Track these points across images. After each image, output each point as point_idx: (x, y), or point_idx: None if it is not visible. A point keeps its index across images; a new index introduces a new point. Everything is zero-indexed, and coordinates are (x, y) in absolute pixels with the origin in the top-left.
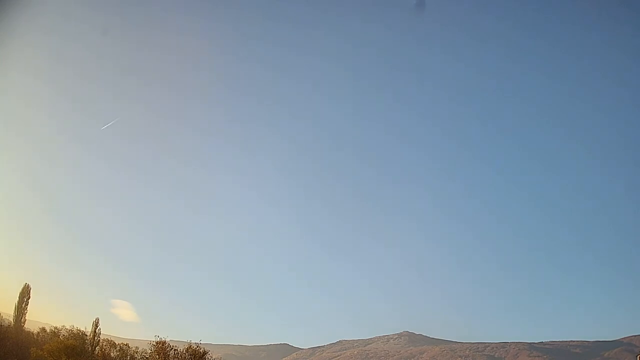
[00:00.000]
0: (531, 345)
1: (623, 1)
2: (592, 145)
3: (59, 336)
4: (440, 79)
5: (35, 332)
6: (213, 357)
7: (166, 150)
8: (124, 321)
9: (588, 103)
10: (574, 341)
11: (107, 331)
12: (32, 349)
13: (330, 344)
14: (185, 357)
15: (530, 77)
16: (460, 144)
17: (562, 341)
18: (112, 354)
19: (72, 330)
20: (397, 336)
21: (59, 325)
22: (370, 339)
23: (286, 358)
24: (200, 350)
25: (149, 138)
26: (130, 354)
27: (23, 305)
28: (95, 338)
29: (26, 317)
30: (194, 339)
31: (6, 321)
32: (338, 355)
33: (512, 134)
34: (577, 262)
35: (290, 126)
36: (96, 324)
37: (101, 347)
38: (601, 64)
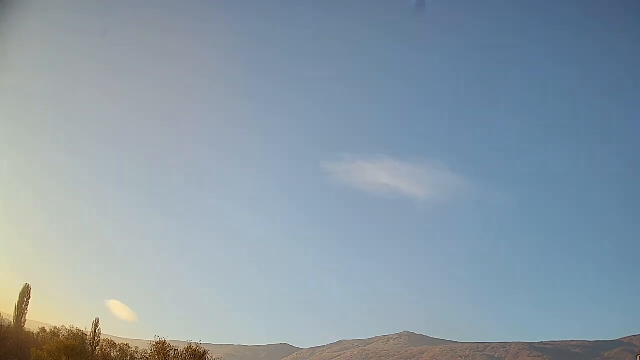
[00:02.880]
0: (531, 345)
1: (621, 6)
2: (593, 147)
3: (59, 336)
4: (438, 83)
5: (35, 332)
6: (213, 357)
7: (165, 152)
8: (123, 321)
9: (587, 106)
10: (574, 341)
11: (107, 331)
12: (32, 349)
13: (330, 344)
14: (185, 357)
15: (528, 81)
16: (458, 146)
17: (562, 341)
18: (112, 354)
19: (72, 330)
20: (397, 336)
21: (59, 325)
22: (370, 339)
23: (286, 358)
24: (201, 350)
25: (147, 141)
26: (131, 354)
27: (23, 306)
28: (96, 338)
29: (26, 317)
30: (194, 339)
31: (6, 321)
32: (338, 355)
33: (511, 137)
34: (576, 263)
35: (287, 129)
36: (96, 324)
37: (101, 347)
38: (600, 68)
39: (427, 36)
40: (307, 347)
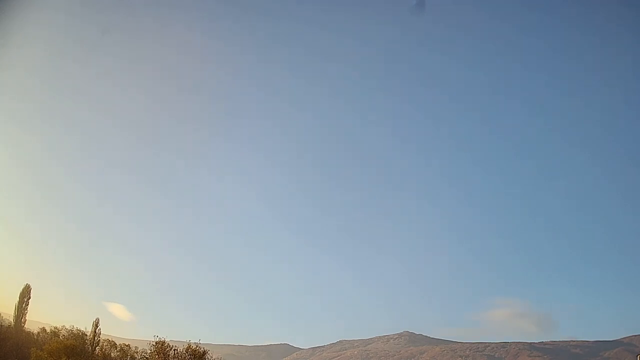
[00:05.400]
0: (531, 345)
1: (622, 1)
2: (591, 147)
3: (59, 336)
4: (442, 79)
5: (35, 332)
6: (213, 357)
7: (165, 149)
8: (123, 321)
9: (588, 104)
10: (574, 341)
11: (107, 331)
12: (32, 349)
13: (330, 344)
14: (184, 357)
15: (530, 77)
16: (459, 146)
17: (562, 341)
18: (112, 354)
19: (72, 330)
20: (397, 336)
21: (59, 326)
22: (370, 339)
23: (286, 358)
24: (200, 350)
25: (149, 137)
26: (131, 354)
27: (23, 306)
28: (96, 338)
29: (26, 318)
30: (194, 339)
31: (6, 321)
32: (338, 355)
33: (512, 136)
34: (576, 262)
35: (289, 125)
36: (96, 324)
37: (101, 348)
38: (602, 64)
39: (431, 34)
40: (307, 347)
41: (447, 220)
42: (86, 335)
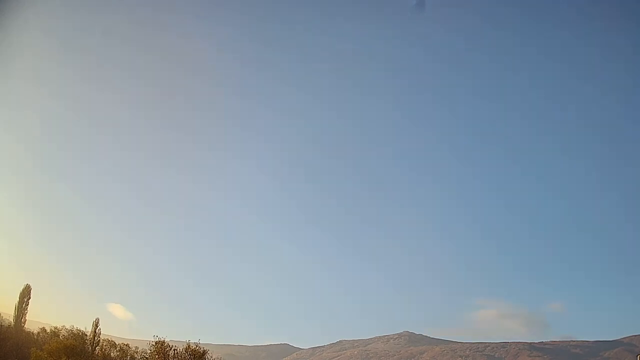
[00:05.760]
0: (531, 345)
1: (621, 7)
2: (591, 147)
3: (59, 336)
4: (438, 82)
5: (35, 332)
6: (213, 357)
7: (165, 152)
8: (123, 321)
9: (588, 104)
10: (574, 341)
11: (107, 331)
12: (32, 349)
13: (330, 344)
14: (184, 357)
15: (529, 79)
16: (458, 146)
17: (562, 341)
18: (112, 354)
19: (72, 330)
20: (397, 336)
21: (59, 326)
22: (370, 339)
23: (286, 358)
24: (200, 350)
25: (147, 142)
26: (131, 354)
27: (23, 306)
28: (96, 338)
29: (26, 317)
30: (194, 339)
31: (6, 321)
32: (338, 355)
33: (512, 136)
34: (576, 262)
35: (289, 126)
36: (96, 324)
37: (101, 347)
38: (599, 68)
39: (430, 37)
40: (307, 347)
41: (447, 221)
42: (86, 335)
